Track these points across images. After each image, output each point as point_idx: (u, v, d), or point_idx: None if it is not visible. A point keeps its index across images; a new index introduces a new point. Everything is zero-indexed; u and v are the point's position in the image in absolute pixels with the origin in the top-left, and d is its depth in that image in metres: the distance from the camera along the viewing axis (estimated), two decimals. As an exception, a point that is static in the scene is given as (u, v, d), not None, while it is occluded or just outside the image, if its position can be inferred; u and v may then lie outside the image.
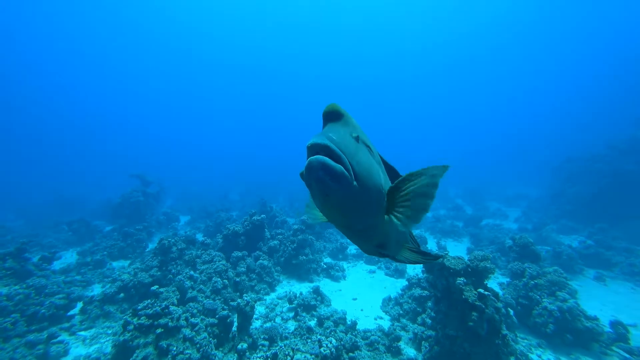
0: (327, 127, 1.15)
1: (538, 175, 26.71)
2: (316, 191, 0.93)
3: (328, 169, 0.86)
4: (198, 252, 8.12)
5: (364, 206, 1.04)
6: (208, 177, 39.09)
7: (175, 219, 15.44)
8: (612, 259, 9.55)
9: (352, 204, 0.98)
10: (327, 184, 0.87)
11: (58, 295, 5.43)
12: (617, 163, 14.63)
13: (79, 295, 5.89)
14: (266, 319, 6.24)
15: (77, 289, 6.23)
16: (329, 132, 1.03)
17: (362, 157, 1.06)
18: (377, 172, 1.14)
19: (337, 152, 0.90)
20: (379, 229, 1.27)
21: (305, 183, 0.98)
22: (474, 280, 4.80)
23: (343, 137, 1.03)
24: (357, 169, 0.96)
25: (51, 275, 6.40)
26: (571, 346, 5.28)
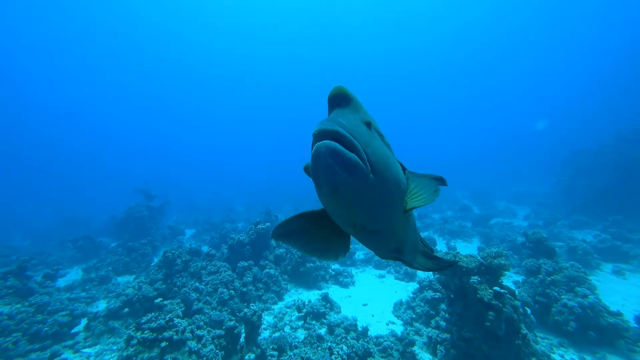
0: (334, 112, 1.03)
1: (545, 171, 26.32)
2: (324, 184, 0.80)
3: (339, 157, 0.73)
4: (203, 264, 8.01)
5: (381, 202, 0.92)
6: (213, 189, 39.19)
7: (181, 233, 15.38)
8: (630, 251, 9.22)
9: (368, 199, 0.86)
10: (338, 174, 0.75)
11: (61, 313, 5.33)
12: (627, 154, 14.33)
13: (82, 311, 5.78)
14: (275, 328, 6.05)
15: (81, 305, 6.13)
16: (338, 117, 0.90)
17: (378, 145, 0.94)
18: (395, 164, 1.03)
19: (349, 138, 0.78)
20: (397, 230, 1.16)
21: (312, 176, 0.85)
22: (489, 278, 4.61)
23: (354, 123, 0.90)
24: (372, 158, 0.84)
25: (54, 293, 6.32)
26: (596, 344, 5.01)
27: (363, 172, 0.78)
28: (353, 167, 0.75)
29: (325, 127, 0.78)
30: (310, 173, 0.87)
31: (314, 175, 0.83)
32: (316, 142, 0.78)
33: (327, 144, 0.74)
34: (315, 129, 0.79)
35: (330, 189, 0.80)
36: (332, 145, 0.73)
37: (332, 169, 0.74)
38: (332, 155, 0.73)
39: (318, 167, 0.77)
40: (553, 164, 21.33)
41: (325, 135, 0.77)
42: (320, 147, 0.74)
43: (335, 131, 0.77)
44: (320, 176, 0.79)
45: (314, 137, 0.80)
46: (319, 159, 0.75)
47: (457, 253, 4.95)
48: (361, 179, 0.78)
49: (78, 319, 5.59)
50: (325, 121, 0.83)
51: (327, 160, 0.73)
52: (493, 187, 27.09)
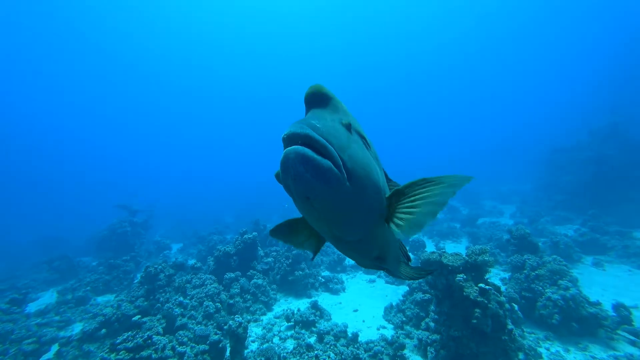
0: (310, 113, 0.96)
1: (529, 169, 27.15)
2: (295, 193, 0.74)
3: (310, 164, 0.67)
4: (188, 277, 7.75)
5: (359, 212, 0.84)
6: (202, 202, 38.39)
7: (167, 247, 14.89)
8: (607, 243, 9.54)
9: (344, 209, 0.79)
10: (309, 182, 0.68)
11: (27, 341, 4.96)
12: (600, 149, 15.00)
13: (52, 337, 5.40)
14: (263, 340, 5.86)
15: (51, 330, 5.73)
16: (312, 118, 0.82)
17: (357, 150, 0.85)
18: (375, 170, 0.93)
19: (322, 142, 0.71)
20: (378, 239, 1.08)
21: (283, 184, 0.78)
22: (474, 275, 4.64)
23: (331, 125, 0.82)
24: (350, 165, 0.77)
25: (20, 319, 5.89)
26: (578, 335, 5.10)
27: (338, 180, 0.71)
28: (326, 175, 0.69)
29: (295, 130, 0.71)
30: (281, 181, 0.80)
31: (285, 184, 0.77)
32: (286, 147, 0.71)
33: (296, 150, 0.67)
34: (285, 132, 0.73)
35: (302, 199, 0.74)
36: (302, 150, 0.67)
37: (302, 177, 0.68)
38: (302, 162, 0.67)
39: (287, 175, 0.70)
40: (536, 162, 22.02)
41: (296, 139, 0.70)
42: (289, 153, 0.68)
43: (306, 135, 0.70)
44: (290, 185, 0.72)
45: (283, 142, 0.74)
46: (288, 166, 0.68)
47: (443, 252, 4.98)
48: (336, 187, 0.72)
49: (47, 345, 5.21)
50: (297, 123, 0.76)
51: (297, 168, 0.67)
52: (480, 187, 27.67)
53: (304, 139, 0.70)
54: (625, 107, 21.65)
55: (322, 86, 1.00)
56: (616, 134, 15.34)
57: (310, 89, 0.99)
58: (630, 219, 11.56)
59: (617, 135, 15.25)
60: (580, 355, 4.62)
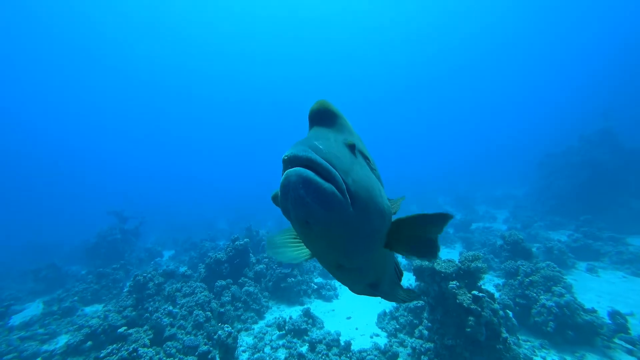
0: (313, 131, 0.92)
1: (522, 174, 27.42)
2: (294, 218, 0.70)
3: (312, 187, 0.63)
4: (178, 285, 7.57)
5: (361, 239, 0.80)
6: (195, 208, 37.99)
7: (158, 254, 14.62)
8: (601, 249, 9.57)
9: (346, 236, 0.75)
10: (310, 207, 0.64)
11: (7, 356, 4.74)
12: (592, 155, 15.19)
13: (34, 351, 5.17)
14: (254, 349, 5.71)
15: (34, 344, 5.50)
16: (315, 139, 0.79)
17: (360, 172, 0.82)
18: (380, 194, 0.90)
19: (324, 165, 0.67)
20: (376, 265, 1.03)
21: (281, 208, 0.74)
22: (467, 282, 4.59)
23: (334, 147, 0.80)
24: (353, 189, 0.73)
25: (2, 333, 5.66)
26: (574, 343, 5.04)
27: (341, 206, 0.68)
28: (329, 200, 0.65)
29: (297, 153, 0.67)
30: (279, 204, 0.76)
31: (283, 208, 0.72)
32: (286, 169, 0.68)
33: (298, 172, 0.64)
34: (286, 153, 0.69)
35: (302, 224, 0.70)
36: (304, 173, 0.64)
37: (303, 201, 0.64)
38: (304, 185, 0.63)
39: (287, 198, 0.66)
40: (529, 167, 22.26)
41: (297, 161, 0.66)
42: (290, 176, 0.64)
43: (308, 158, 0.66)
44: (290, 209, 0.68)
45: (283, 164, 0.69)
46: (288, 190, 0.65)
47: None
48: (338, 213, 0.68)
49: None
50: (299, 144, 0.73)
51: (298, 192, 0.63)
52: (474, 192, 27.86)
53: (306, 162, 0.66)
54: (617, 111, 22.07)
55: (328, 103, 0.96)
56: (608, 139, 15.57)
57: (316, 105, 0.95)
58: (622, 225, 11.65)
59: (609, 140, 15.47)
60: (576, 364, 4.56)
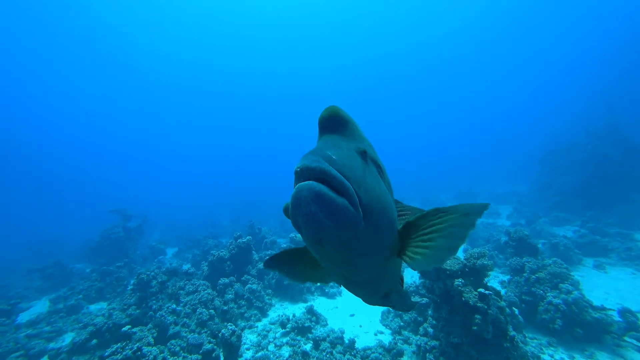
0: (324, 138, 0.89)
1: (525, 170, 27.14)
2: (305, 233, 0.67)
3: (325, 203, 0.60)
4: (181, 284, 7.58)
5: (373, 252, 0.78)
6: (198, 205, 38.11)
7: (161, 252, 14.69)
8: (609, 245, 9.43)
9: (357, 250, 0.72)
10: (323, 223, 0.62)
11: (15, 354, 4.77)
12: (597, 149, 14.96)
13: (41, 349, 5.21)
14: (258, 347, 5.70)
15: (41, 342, 5.53)
16: (327, 148, 0.76)
17: (372, 182, 0.79)
18: (390, 204, 0.87)
19: (339, 178, 0.64)
20: (387, 276, 1.01)
21: (292, 222, 0.71)
22: (473, 280, 4.51)
23: (347, 156, 0.77)
24: (366, 200, 0.70)
25: (9, 331, 5.70)
26: (583, 341, 4.96)
27: (353, 221, 0.65)
28: (342, 216, 0.62)
29: (310, 165, 0.64)
30: (290, 216, 0.72)
31: (294, 222, 0.69)
32: (298, 181, 0.65)
33: (310, 187, 0.61)
34: (298, 164, 0.66)
35: (314, 241, 0.68)
36: (317, 188, 0.60)
37: (315, 217, 0.61)
38: (316, 200, 0.60)
39: (298, 213, 0.63)
40: (532, 163, 22.01)
41: (310, 173, 0.63)
42: (302, 190, 0.61)
43: (322, 170, 0.63)
44: (301, 224, 0.65)
45: (295, 175, 0.67)
46: (300, 205, 0.62)
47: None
48: (351, 228, 0.65)
49: (36, 358, 5.02)
50: (311, 155, 0.69)
51: (310, 208, 0.60)
52: (476, 188, 27.68)
53: (319, 174, 0.64)
54: (623, 106, 21.71)
55: (339, 109, 0.93)
56: (614, 134, 15.32)
57: (326, 112, 0.92)
58: (630, 221, 11.46)
59: (614, 135, 15.22)
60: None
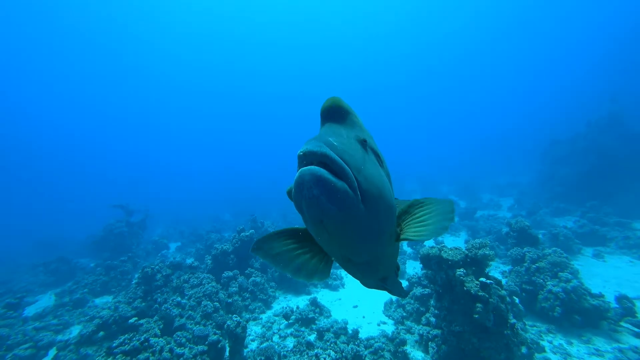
0: (326, 127, 0.93)
1: (526, 162, 27.13)
2: (307, 216, 0.71)
3: (326, 186, 0.64)
4: (186, 277, 7.67)
5: (372, 234, 0.83)
6: (199, 200, 38.24)
7: (164, 247, 14.82)
8: (608, 234, 9.52)
9: (357, 231, 0.77)
10: (324, 206, 0.65)
11: (24, 346, 4.87)
12: (599, 140, 14.93)
13: (49, 341, 5.32)
14: (263, 338, 5.81)
15: (49, 334, 5.65)
16: (329, 135, 0.81)
17: (372, 169, 0.84)
18: (389, 190, 0.92)
19: (339, 163, 0.68)
20: (385, 259, 1.07)
21: (295, 204, 0.75)
22: (475, 270, 4.57)
23: (348, 143, 0.81)
24: (365, 185, 0.74)
25: (17, 324, 5.81)
26: (581, 327, 5.06)
27: (352, 203, 0.69)
28: (341, 199, 0.66)
29: (312, 149, 0.67)
30: (292, 199, 0.77)
31: (297, 205, 0.73)
32: (301, 165, 0.69)
33: (312, 171, 0.64)
34: (301, 149, 0.69)
35: (316, 222, 0.71)
36: (319, 172, 0.64)
37: (317, 200, 0.65)
38: (317, 184, 0.64)
39: (301, 197, 0.67)
40: (533, 155, 22.00)
41: (312, 157, 0.67)
42: (305, 174, 0.65)
43: (324, 154, 0.67)
44: (303, 207, 0.70)
45: (299, 159, 0.70)
46: (302, 188, 0.65)
47: (443, 246, 4.91)
48: (350, 210, 0.69)
49: (45, 349, 5.14)
50: (313, 140, 0.73)
51: (312, 192, 0.64)
52: (478, 180, 27.69)
53: (321, 158, 0.67)
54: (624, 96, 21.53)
55: (340, 100, 0.98)
56: (616, 124, 15.26)
57: (328, 102, 0.97)
58: (629, 210, 11.52)
59: (617, 125, 15.17)
60: (584, 347, 4.58)
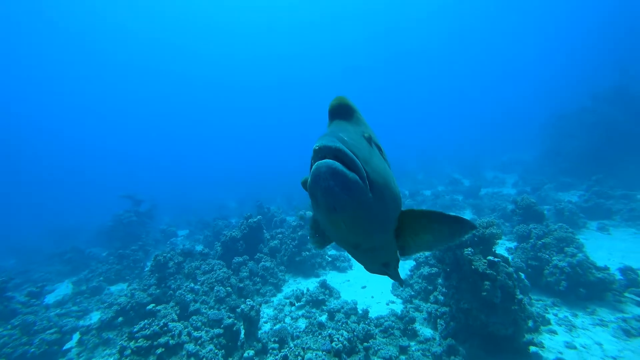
0: (334, 124, 1.02)
1: (530, 138, 26.71)
2: (322, 204, 0.78)
3: (340, 177, 0.71)
4: (197, 263, 7.86)
5: (379, 221, 0.92)
6: (204, 189, 38.48)
7: (173, 235, 15.11)
8: (613, 207, 9.51)
9: (366, 219, 0.85)
10: (337, 195, 0.73)
11: (49, 331, 5.12)
12: (605, 112, 14.60)
13: (73, 326, 5.59)
14: (275, 320, 6.03)
15: (71, 320, 5.92)
16: (340, 131, 0.89)
17: (377, 162, 0.94)
18: (393, 180, 1.02)
19: (350, 156, 0.76)
20: (390, 246, 1.16)
21: (309, 194, 0.83)
22: (482, 248, 4.63)
23: (356, 139, 0.91)
24: (372, 176, 0.83)
25: (41, 311, 6.07)
26: (586, 300, 5.18)
27: (362, 192, 0.77)
28: (353, 188, 0.74)
29: (327, 144, 0.75)
30: (307, 189, 0.86)
31: (312, 194, 0.81)
32: (317, 158, 0.76)
33: (327, 164, 0.71)
34: (316, 144, 0.77)
35: (328, 209, 0.78)
36: (334, 165, 0.71)
37: (332, 190, 0.72)
38: (332, 176, 0.71)
39: (317, 187, 0.74)
40: (537, 130, 21.61)
41: (327, 152, 0.75)
42: (321, 167, 0.72)
43: (337, 148, 0.75)
44: (318, 196, 0.77)
45: (314, 153, 0.78)
46: (319, 179, 0.73)
47: None
48: (360, 198, 0.77)
49: (69, 334, 5.40)
50: (327, 136, 0.82)
51: (328, 182, 0.71)
52: (481, 158, 27.46)
53: (335, 152, 0.74)
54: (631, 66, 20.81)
55: (347, 99, 1.06)
56: (623, 95, 14.84)
57: (336, 101, 1.05)
58: (635, 182, 11.45)
59: (624, 97, 14.75)
60: (589, 319, 4.71)
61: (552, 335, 4.43)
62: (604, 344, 4.13)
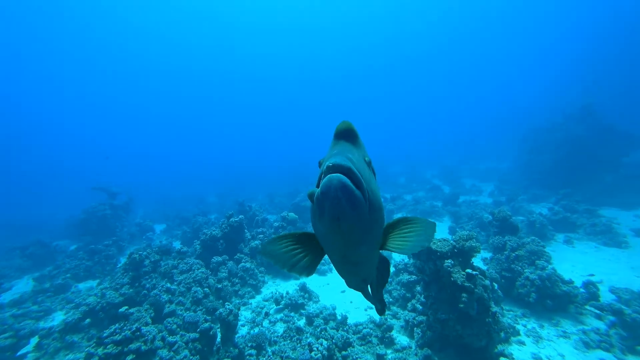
0: (340, 145, 1.11)
1: (507, 148, 27.96)
2: (328, 212, 0.86)
3: (348, 191, 0.80)
4: (174, 262, 7.59)
5: (369, 238, 1.02)
6: (183, 183, 37.22)
7: (150, 229, 14.51)
8: (577, 221, 10.13)
9: (361, 234, 0.95)
10: (344, 207, 0.82)
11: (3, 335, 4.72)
12: (572, 131, 15.58)
13: (31, 329, 5.18)
14: (253, 324, 5.94)
15: (30, 322, 5.50)
16: (348, 152, 1.00)
17: (374, 185, 1.05)
18: (382, 203, 1.12)
19: (358, 176, 0.86)
20: (371, 262, 1.29)
21: (316, 203, 0.91)
22: (461, 260, 4.76)
23: (360, 162, 1.03)
24: (370, 197, 0.93)
25: (-6, 312, 5.61)
26: (552, 311, 5.48)
27: (364, 209, 0.86)
28: (358, 204, 0.83)
29: (340, 162, 0.84)
30: (313, 200, 0.93)
31: (319, 203, 0.88)
32: (329, 173, 0.84)
33: (339, 178, 0.80)
34: (330, 161, 0.86)
35: (333, 218, 0.86)
36: (344, 180, 0.80)
37: (339, 201, 0.80)
38: (342, 189, 0.79)
39: (327, 196, 0.82)
40: (514, 141, 22.66)
41: (339, 169, 0.83)
42: (333, 180, 0.80)
43: (349, 168, 0.84)
44: (326, 205, 0.84)
45: (327, 169, 0.85)
46: (329, 190, 0.81)
47: None
48: (361, 214, 0.86)
49: (26, 339, 4.99)
50: (338, 155, 0.91)
51: (337, 193, 0.79)
52: (460, 165, 28.43)
53: (346, 171, 0.83)
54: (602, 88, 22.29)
55: (352, 124, 1.17)
56: (589, 116, 15.89)
57: (343, 125, 1.15)
58: (597, 198, 12.31)
59: (589, 117, 15.80)
60: (553, 330, 4.99)
61: (521, 346, 4.65)
62: (565, 355, 4.40)
